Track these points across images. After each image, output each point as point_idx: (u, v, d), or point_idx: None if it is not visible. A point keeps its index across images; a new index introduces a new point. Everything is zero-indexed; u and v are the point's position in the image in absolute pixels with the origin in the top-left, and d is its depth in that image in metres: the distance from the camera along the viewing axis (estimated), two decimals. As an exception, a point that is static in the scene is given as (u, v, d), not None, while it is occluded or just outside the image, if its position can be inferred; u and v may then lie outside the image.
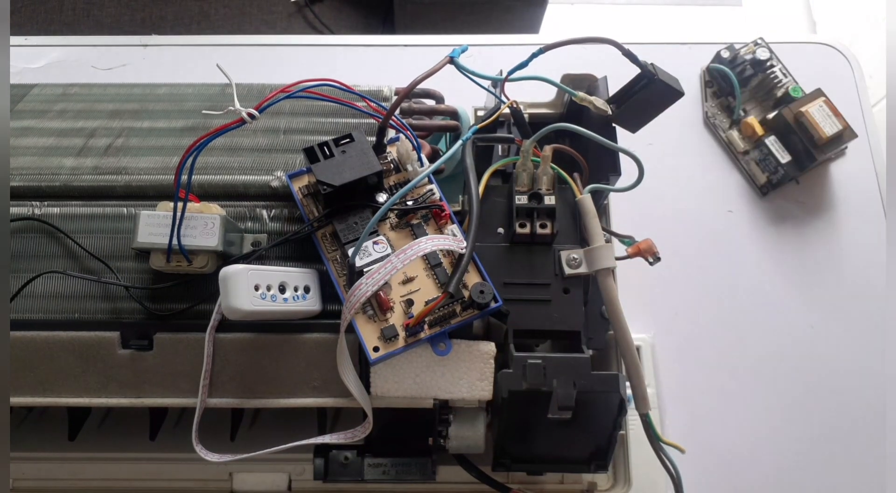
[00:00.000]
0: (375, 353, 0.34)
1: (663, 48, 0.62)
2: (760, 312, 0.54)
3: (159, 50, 0.60)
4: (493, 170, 0.38)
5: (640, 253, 0.37)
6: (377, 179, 0.36)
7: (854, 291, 0.55)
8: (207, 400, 0.36)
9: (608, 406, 0.34)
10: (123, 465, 0.44)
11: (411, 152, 0.37)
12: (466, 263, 0.35)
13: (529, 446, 0.37)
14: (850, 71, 0.61)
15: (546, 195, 0.37)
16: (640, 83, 0.37)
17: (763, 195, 0.58)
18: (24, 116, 0.44)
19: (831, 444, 0.51)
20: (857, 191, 0.58)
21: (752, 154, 0.58)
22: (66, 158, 0.41)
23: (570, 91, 0.37)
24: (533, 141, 0.37)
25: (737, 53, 0.58)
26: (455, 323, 0.35)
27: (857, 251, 0.56)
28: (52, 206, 0.39)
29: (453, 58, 0.33)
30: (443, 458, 0.40)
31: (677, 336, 0.53)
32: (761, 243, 0.56)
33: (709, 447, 0.50)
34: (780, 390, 0.52)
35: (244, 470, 0.43)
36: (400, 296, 0.35)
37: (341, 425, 0.38)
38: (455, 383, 0.36)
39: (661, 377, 0.52)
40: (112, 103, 0.45)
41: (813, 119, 0.54)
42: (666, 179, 0.57)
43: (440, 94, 0.44)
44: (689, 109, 0.60)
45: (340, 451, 0.40)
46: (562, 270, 0.37)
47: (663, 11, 1.49)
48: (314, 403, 0.37)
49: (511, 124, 0.41)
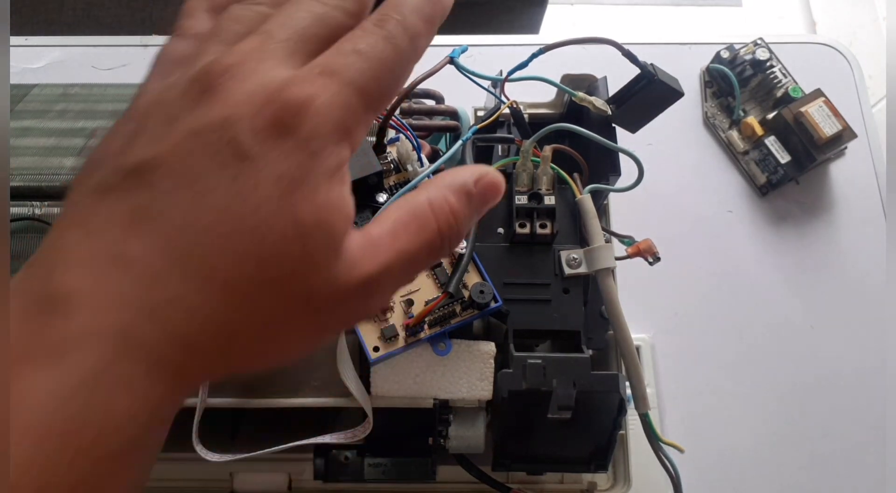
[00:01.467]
0: (375, 353, 0.34)
1: (663, 48, 0.62)
2: (760, 312, 0.54)
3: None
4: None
5: (639, 253, 0.37)
6: (377, 179, 0.36)
7: (854, 291, 0.55)
8: (207, 400, 0.36)
9: (608, 406, 0.34)
10: (123, 465, 0.44)
11: (411, 152, 0.37)
12: (466, 263, 0.35)
13: (529, 446, 0.37)
14: (850, 71, 0.61)
15: (546, 195, 0.37)
16: (640, 83, 0.37)
17: (763, 195, 0.58)
18: (25, 116, 0.44)
19: (831, 444, 0.51)
20: (856, 191, 0.58)
21: (752, 154, 0.58)
22: (66, 159, 0.41)
23: (570, 91, 0.37)
24: (533, 141, 0.37)
25: (736, 54, 0.58)
26: (455, 323, 0.35)
27: (857, 251, 0.56)
28: (53, 206, 0.39)
29: (453, 58, 0.33)
30: (443, 458, 0.40)
31: (677, 336, 0.53)
32: (761, 243, 0.56)
33: (708, 446, 0.50)
34: (780, 390, 0.52)
35: (244, 470, 0.43)
36: (400, 296, 0.35)
37: (341, 425, 0.38)
38: (455, 382, 0.36)
39: (661, 377, 0.52)
40: (113, 104, 0.45)
41: (813, 119, 0.54)
42: (666, 179, 0.57)
43: (440, 94, 0.44)
44: (688, 109, 0.60)
45: (340, 451, 0.40)
46: (562, 270, 0.37)
47: (663, 11, 1.49)
48: (314, 403, 0.37)
49: (511, 124, 0.41)
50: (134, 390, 0.18)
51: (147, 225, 0.18)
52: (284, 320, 0.20)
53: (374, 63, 0.20)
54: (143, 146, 0.19)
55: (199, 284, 0.18)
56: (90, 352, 0.17)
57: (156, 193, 0.19)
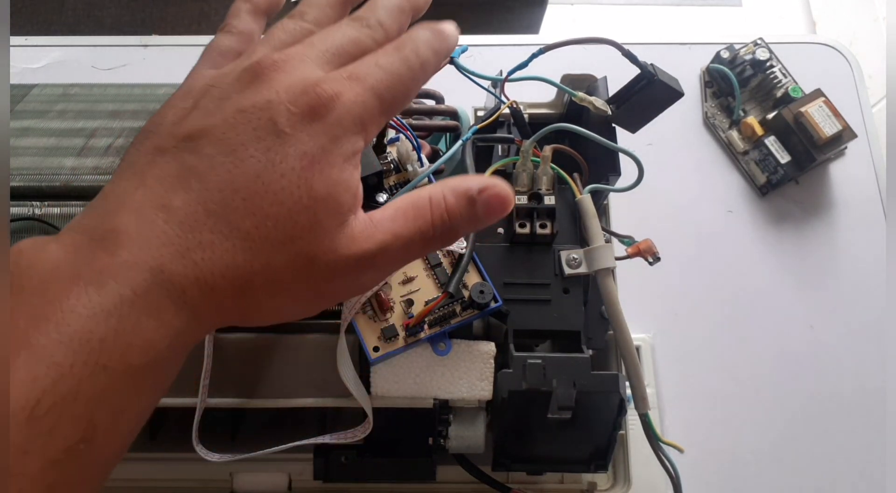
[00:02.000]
0: (375, 353, 0.34)
1: (663, 48, 0.62)
2: (760, 312, 0.54)
3: (160, 50, 0.60)
4: (492, 170, 0.38)
5: (639, 253, 0.37)
6: (377, 179, 0.36)
7: (854, 291, 0.55)
8: (207, 400, 0.36)
9: (608, 406, 0.34)
10: (123, 465, 0.43)
11: (411, 152, 0.37)
12: (466, 263, 0.35)
13: (529, 446, 0.37)
14: (850, 71, 0.61)
15: (546, 195, 0.37)
16: (640, 83, 0.37)
17: (763, 195, 0.58)
18: (25, 116, 0.44)
19: (831, 444, 0.51)
20: (856, 191, 0.58)
21: (752, 154, 0.58)
22: (66, 159, 0.41)
23: (570, 91, 0.37)
24: (533, 141, 0.37)
25: (736, 54, 0.59)
26: (455, 323, 0.35)
27: (857, 251, 0.56)
28: (53, 206, 0.39)
29: (453, 58, 0.33)
30: (443, 458, 0.40)
31: (677, 336, 0.53)
32: (761, 244, 0.56)
33: (708, 446, 0.50)
34: (780, 391, 0.52)
35: (244, 470, 0.43)
36: (400, 296, 0.35)
37: (341, 425, 0.38)
38: (455, 382, 0.36)
39: (661, 377, 0.52)
40: (112, 104, 0.45)
41: (812, 119, 0.54)
42: (666, 179, 0.57)
43: (440, 94, 0.44)
44: (688, 109, 0.60)
45: (340, 451, 0.40)
46: (562, 270, 0.37)
47: (663, 11, 1.49)
48: (314, 403, 0.37)
49: (511, 124, 0.41)
50: (160, 317, 0.21)
51: (190, 182, 0.22)
52: (291, 277, 0.23)
53: (391, 76, 0.25)
54: (197, 118, 0.23)
55: (226, 234, 0.22)
56: (128, 281, 0.21)
57: (202, 156, 0.22)
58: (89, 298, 0.20)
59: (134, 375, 0.21)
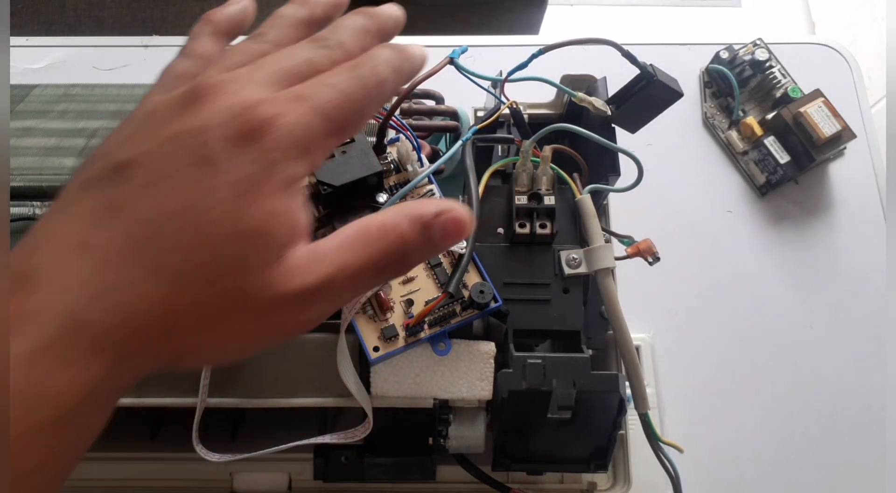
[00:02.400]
0: (375, 353, 0.34)
1: (662, 49, 0.62)
2: (760, 311, 0.54)
3: (160, 50, 0.60)
4: (492, 170, 0.38)
5: (639, 253, 0.37)
6: (377, 179, 0.36)
7: (853, 291, 0.55)
8: (207, 400, 0.36)
9: (608, 406, 0.34)
10: (123, 465, 0.44)
11: (411, 153, 0.37)
12: (466, 263, 0.35)
13: (529, 446, 0.37)
14: (850, 71, 0.61)
15: (546, 195, 0.37)
16: (640, 84, 0.37)
17: (762, 195, 0.58)
18: (26, 116, 0.44)
19: (830, 444, 0.51)
20: (856, 191, 0.58)
21: (752, 154, 0.58)
22: (67, 159, 0.41)
23: (570, 92, 0.38)
24: (532, 141, 0.37)
25: (736, 54, 0.59)
26: (455, 323, 0.35)
27: (857, 251, 0.56)
28: (53, 206, 0.39)
29: (453, 58, 0.33)
30: (443, 458, 0.40)
31: (677, 336, 0.53)
32: (760, 244, 0.56)
33: (708, 446, 0.50)
34: (780, 390, 0.52)
35: (244, 470, 0.44)
36: (400, 296, 0.35)
37: (341, 425, 0.39)
38: (455, 382, 0.36)
39: (661, 377, 0.52)
40: (113, 104, 0.45)
41: (812, 120, 0.54)
42: (665, 179, 0.57)
43: (440, 94, 0.44)
44: (688, 109, 0.60)
45: (340, 451, 0.40)
46: (561, 270, 0.37)
47: (663, 12, 1.49)
48: (314, 403, 0.37)
49: (511, 125, 0.41)
50: (69, 368, 0.19)
51: (115, 216, 0.20)
52: (222, 315, 0.21)
53: (340, 96, 0.23)
54: (131, 146, 0.22)
55: (149, 272, 0.20)
56: (40, 327, 0.19)
57: (130, 187, 0.21)
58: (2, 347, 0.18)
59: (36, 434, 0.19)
